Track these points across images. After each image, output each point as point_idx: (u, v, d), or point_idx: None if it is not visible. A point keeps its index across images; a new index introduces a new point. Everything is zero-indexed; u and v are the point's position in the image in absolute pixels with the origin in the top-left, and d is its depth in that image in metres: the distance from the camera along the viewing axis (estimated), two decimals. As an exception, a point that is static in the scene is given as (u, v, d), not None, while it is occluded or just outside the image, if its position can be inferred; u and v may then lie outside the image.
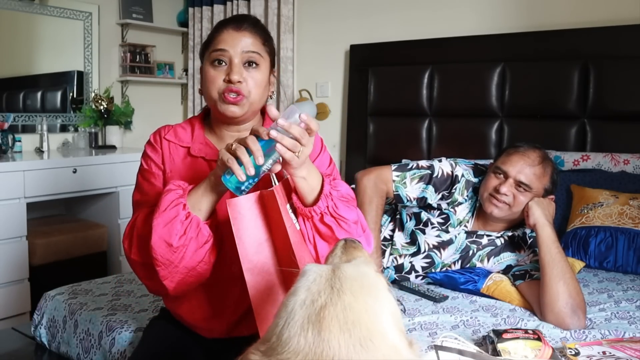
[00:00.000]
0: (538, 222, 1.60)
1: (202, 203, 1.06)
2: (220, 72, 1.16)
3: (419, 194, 1.78)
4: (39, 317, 1.72)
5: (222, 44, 1.16)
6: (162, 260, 1.05)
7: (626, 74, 2.40)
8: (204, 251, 1.08)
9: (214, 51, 1.16)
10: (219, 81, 1.16)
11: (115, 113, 3.56)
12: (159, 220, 1.04)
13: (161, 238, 1.04)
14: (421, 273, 1.82)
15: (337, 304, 0.58)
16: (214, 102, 1.17)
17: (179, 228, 1.04)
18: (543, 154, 1.73)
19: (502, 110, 2.72)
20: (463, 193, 1.79)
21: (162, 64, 3.97)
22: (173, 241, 1.03)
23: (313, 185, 1.07)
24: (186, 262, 1.06)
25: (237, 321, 1.23)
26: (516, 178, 1.68)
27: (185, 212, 1.05)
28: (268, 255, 1.06)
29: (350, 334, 0.56)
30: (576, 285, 1.50)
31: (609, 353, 1.23)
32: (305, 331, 0.57)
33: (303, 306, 0.59)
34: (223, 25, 1.20)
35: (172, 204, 1.05)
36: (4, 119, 3.11)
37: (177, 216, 1.04)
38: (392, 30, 3.18)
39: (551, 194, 1.74)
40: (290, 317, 0.59)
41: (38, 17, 3.32)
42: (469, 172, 1.82)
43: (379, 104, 3.08)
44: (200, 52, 1.25)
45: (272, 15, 3.54)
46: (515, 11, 2.80)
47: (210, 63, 1.17)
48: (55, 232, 3.00)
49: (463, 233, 1.80)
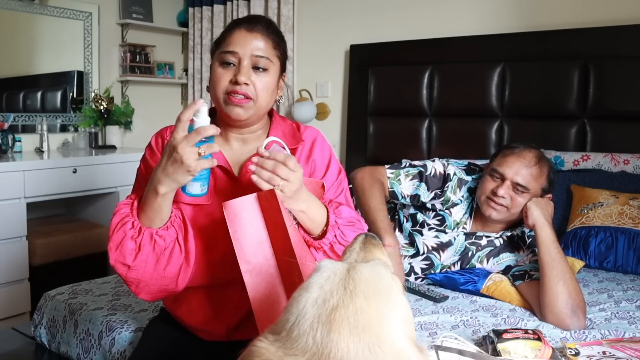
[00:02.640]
0: (537, 222, 1.60)
1: (163, 211, 1.05)
2: (228, 72, 1.14)
3: (412, 191, 1.80)
4: (39, 317, 1.72)
5: (232, 46, 1.14)
6: (128, 279, 1.07)
7: (626, 74, 2.40)
8: (167, 258, 1.07)
9: (224, 52, 1.15)
10: (225, 81, 1.14)
11: (115, 113, 3.56)
12: (111, 244, 1.05)
13: (117, 261, 1.05)
14: (420, 275, 1.82)
15: (348, 306, 0.58)
16: (219, 102, 1.16)
17: (132, 246, 1.04)
18: (539, 153, 1.72)
19: (502, 110, 2.72)
20: (456, 192, 1.80)
21: (162, 64, 3.97)
22: (129, 261, 1.04)
23: (316, 219, 1.08)
24: (153, 274, 1.06)
25: (237, 325, 1.22)
26: (513, 180, 1.67)
27: (134, 229, 1.04)
28: (267, 255, 1.05)
29: (359, 339, 0.56)
30: (576, 286, 1.50)
31: (609, 353, 1.23)
32: (315, 330, 0.57)
33: (315, 305, 0.59)
34: (236, 25, 1.18)
35: (119, 224, 1.05)
36: (4, 119, 3.11)
37: (126, 236, 1.04)
38: (392, 30, 3.18)
39: (549, 193, 1.73)
40: (301, 315, 0.59)
41: (38, 17, 3.32)
42: (461, 171, 1.83)
43: (379, 104, 3.08)
44: (211, 49, 1.22)
45: (272, 15, 3.54)
46: (515, 11, 2.80)
47: (220, 63, 1.16)
48: (55, 232, 3.00)
49: (462, 235, 1.80)
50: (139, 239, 1.04)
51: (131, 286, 1.09)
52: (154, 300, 1.13)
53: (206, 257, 1.17)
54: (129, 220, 1.05)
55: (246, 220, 1.04)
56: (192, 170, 0.98)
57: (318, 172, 1.24)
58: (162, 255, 1.07)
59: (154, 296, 1.12)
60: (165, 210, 1.05)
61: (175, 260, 1.09)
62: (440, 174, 1.80)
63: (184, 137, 0.97)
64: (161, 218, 1.05)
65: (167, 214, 1.07)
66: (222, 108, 1.15)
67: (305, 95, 3.48)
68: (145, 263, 1.05)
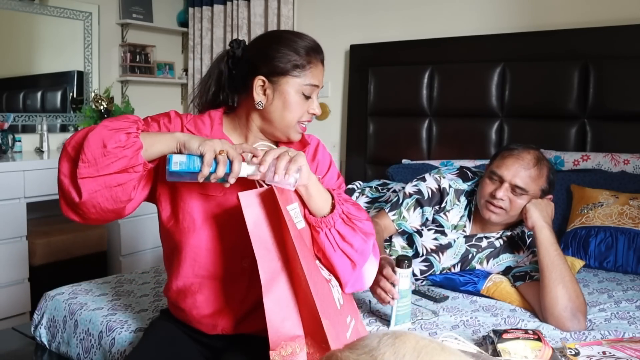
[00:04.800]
0: (536, 224, 1.59)
1: (155, 146, 1.07)
2: (306, 103, 1.23)
3: (421, 220, 1.82)
4: (39, 317, 1.72)
5: (317, 80, 1.23)
6: (89, 157, 1.03)
7: (626, 74, 2.40)
8: (128, 178, 1.06)
9: (309, 85, 1.22)
10: (304, 109, 1.24)
11: (115, 113, 3.55)
12: (108, 123, 1.06)
13: (100, 137, 1.03)
14: (420, 277, 1.82)
15: (426, 339, 0.63)
16: (288, 125, 1.22)
17: (123, 139, 1.03)
18: (538, 154, 1.70)
19: (502, 110, 2.72)
20: (455, 203, 1.81)
21: (162, 64, 3.97)
22: (109, 145, 1.02)
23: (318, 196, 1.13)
24: (108, 175, 1.04)
25: (244, 316, 1.23)
26: (512, 182, 1.65)
27: (136, 132, 1.05)
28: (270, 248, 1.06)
29: (418, 355, 0.60)
30: (576, 288, 1.49)
31: (609, 353, 1.23)
32: (385, 335, 0.62)
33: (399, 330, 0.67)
34: (315, 53, 1.24)
35: (129, 120, 1.08)
36: (4, 119, 3.11)
37: (127, 129, 1.05)
38: (392, 30, 3.18)
39: (549, 194, 1.72)
40: (378, 331, 0.66)
41: (38, 17, 3.32)
42: (455, 180, 1.83)
43: (379, 104, 3.08)
44: (283, 70, 1.21)
45: (272, 15, 3.54)
46: (515, 11, 2.80)
47: (301, 92, 1.22)
48: (55, 232, 3.01)
49: (462, 238, 1.79)
50: (132, 141, 1.04)
51: (83, 165, 1.03)
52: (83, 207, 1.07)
53: (217, 245, 1.20)
54: (138, 123, 1.08)
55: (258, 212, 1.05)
56: (204, 146, 1.02)
57: (319, 172, 1.31)
58: (127, 172, 1.05)
59: (86, 197, 1.05)
60: (157, 147, 1.07)
61: (130, 190, 1.08)
62: (437, 189, 1.81)
63: (232, 146, 1.06)
64: (147, 149, 1.06)
65: (152, 155, 1.07)
66: (288, 132, 1.24)
67: (305, 95, 3.48)
68: (116, 159, 1.03)
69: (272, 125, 1.23)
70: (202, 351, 1.28)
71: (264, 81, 1.20)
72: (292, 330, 1.01)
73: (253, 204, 1.05)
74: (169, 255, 1.27)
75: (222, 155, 1.02)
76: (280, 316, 1.01)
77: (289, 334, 1.01)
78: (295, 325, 1.02)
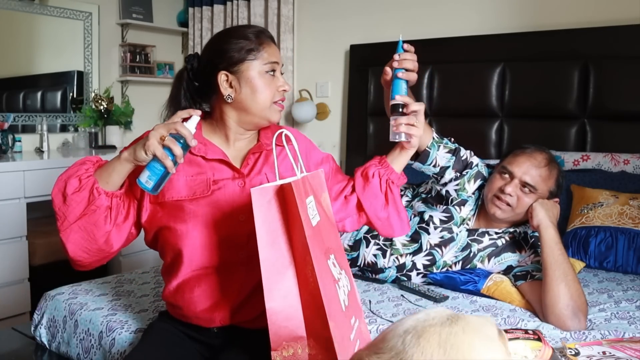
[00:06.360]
0: (542, 223, 1.60)
1: (112, 176, 1.15)
2: (272, 82, 1.26)
3: (444, 163, 1.74)
4: (39, 317, 1.72)
5: (274, 57, 1.25)
6: (57, 211, 1.16)
7: (626, 74, 2.40)
8: (98, 217, 1.15)
9: (269, 63, 1.24)
10: (273, 89, 1.25)
11: (115, 113, 3.56)
12: (63, 175, 1.16)
13: (58, 190, 1.15)
14: (422, 271, 1.82)
15: (444, 327, 0.60)
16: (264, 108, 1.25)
17: (76, 184, 1.13)
18: (550, 156, 1.74)
19: (502, 110, 2.72)
20: (471, 182, 1.80)
21: (162, 64, 3.97)
22: (68, 192, 1.13)
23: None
24: (77, 219, 1.15)
25: (240, 305, 1.24)
26: (522, 179, 1.68)
27: (86, 173, 1.14)
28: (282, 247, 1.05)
29: (444, 352, 0.57)
30: (578, 288, 1.50)
31: (609, 353, 1.23)
32: (407, 335, 0.60)
33: (415, 320, 0.62)
34: (263, 35, 1.26)
35: (79, 163, 1.17)
36: (4, 119, 3.11)
37: (77, 173, 1.14)
38: (392, 30, 3.17)
39: (556, 197, 1.74)
40: (399, 323, 0.63)
41: (38, 17, 3.32)
42: (483, 166, 1.84)
43: (379, 104, 3.08)
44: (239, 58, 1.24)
45: (272, 15, 3.54)
46: (515, 11, 2.80)
47: (264, 73, 1.24)
48: (55, 232, 2.94)
49: (464, 231, 1.80)
50: (84, 182, 1.14)
51: (58, 221, 1.17)
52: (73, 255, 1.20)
53: (212, 241, 1.22)
54: (87, 166, 1.16)
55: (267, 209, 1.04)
56: (147, 148, 1.07)
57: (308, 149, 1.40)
58: (90, 205, 1.15)
59: (71, 246, 1.19)
60: (114, 176, 1.15)
61: (100, 221, 1.17)
62: (467, 158, 1.79)
63: (164, 124, 1.11)
64: (107, 181, 1.15)
65: (115, 184, 1.16)
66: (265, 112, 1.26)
67: (305, 95, 3.48)
68: (77, 203, 1.14)
69: (248, 113, 1.25)
70: (201, 350, 1.29)
71: (227, 75, 1.24)
72: (294, 331, 1.01)
73: (265, 201, 1.02)
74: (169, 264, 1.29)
75: (166, 140, 1.07)
76: (283, 316, 1.01)
77: (291, 335, 1.00)
78: (298, 326, 1.02)
